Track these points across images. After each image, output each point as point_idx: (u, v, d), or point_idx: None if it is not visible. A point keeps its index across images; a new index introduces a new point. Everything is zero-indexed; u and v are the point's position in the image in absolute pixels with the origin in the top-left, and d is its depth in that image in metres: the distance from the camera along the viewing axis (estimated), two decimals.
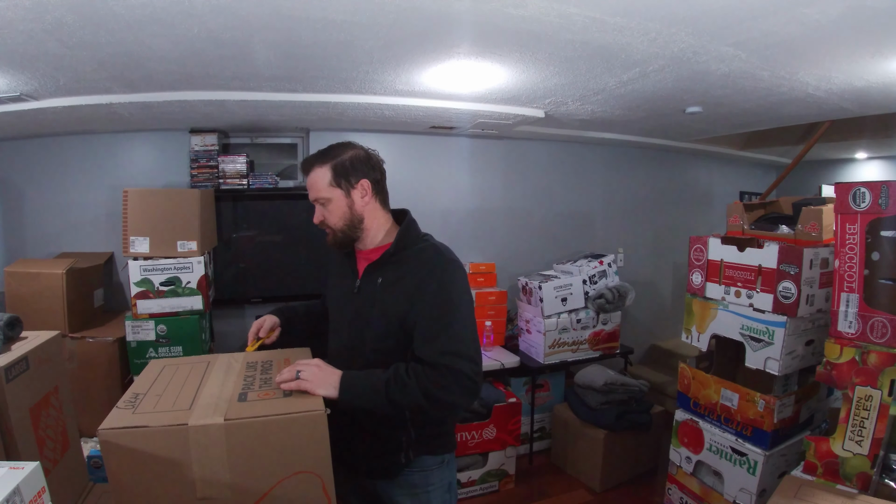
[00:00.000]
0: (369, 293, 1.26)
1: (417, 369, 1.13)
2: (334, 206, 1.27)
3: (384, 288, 1.24)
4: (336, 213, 1.27)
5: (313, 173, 1.27)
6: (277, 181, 2.80)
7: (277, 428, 0.97)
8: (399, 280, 1.22)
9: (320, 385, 1.08)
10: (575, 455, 2.83)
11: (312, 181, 1.28)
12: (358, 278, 1.31)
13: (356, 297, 1.29)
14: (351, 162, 1.26)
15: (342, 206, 1.27)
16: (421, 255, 1.25)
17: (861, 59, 1.66)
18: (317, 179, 1.27)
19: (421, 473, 1.27)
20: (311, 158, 1.30)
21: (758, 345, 1.83)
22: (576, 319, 2.94)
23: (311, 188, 1.28)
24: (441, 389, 1.11)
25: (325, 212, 1.28)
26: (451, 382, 1.12)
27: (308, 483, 0.99)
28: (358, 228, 1.29)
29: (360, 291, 1.29)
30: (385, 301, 1.23)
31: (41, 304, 2.21)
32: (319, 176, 1.26)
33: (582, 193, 3.70)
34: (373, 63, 1.76)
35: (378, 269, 1.27)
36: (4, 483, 0.65)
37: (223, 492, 0.95)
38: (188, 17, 1.31)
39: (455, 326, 1.16)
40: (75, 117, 2.27)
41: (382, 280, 1.25)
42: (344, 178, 1.26)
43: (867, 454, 1.32)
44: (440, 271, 1.20)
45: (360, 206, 1.28)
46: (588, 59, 1.70)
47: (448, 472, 1.33)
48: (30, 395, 1.11)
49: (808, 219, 1.87)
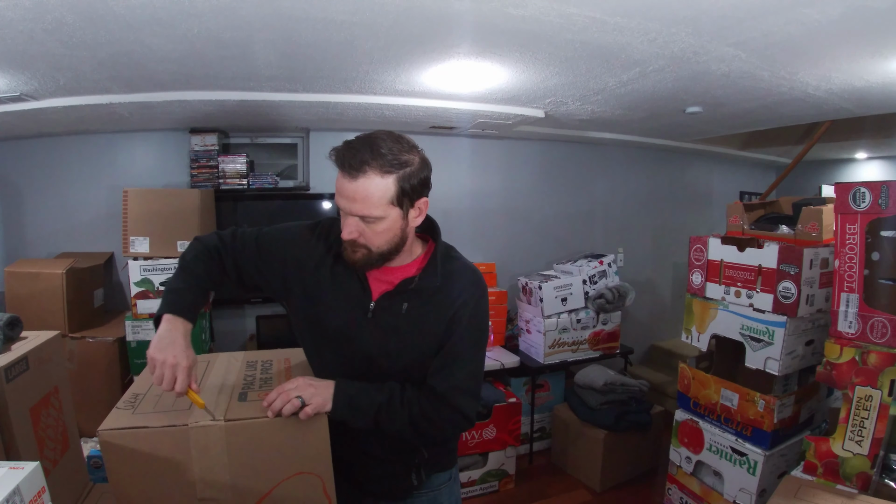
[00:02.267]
0: (389, 321, 1.04)
1: (413, 398, 1.03)
2: (385, 226, 0.97)
3: (412, 317, 1.04)
4: (384, 235, 0.98)
5: (368, 181, 0.93)
6: (277, 181, 2.80)
7: (278, 428, 0.97)
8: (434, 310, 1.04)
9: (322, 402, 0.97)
10: (575, 455, 2.83)
11: (365, 192, 0.93)
12: (372, 300, 1.05)
13: (369, 324, 1.05)
14: (419, 175, 0.98)
15: (395, 227, 0.99)
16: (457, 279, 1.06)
17: (861, 59, 1.66)
18: (373, 192, 0.93)
19: (430, 493, 1.20)
20: (367, 157, 0.93)
21: (758, 345, 1.83)
22: (576, 319, 2.94)
23: (361, 201, 0.94)
24: (430, 423, 1.03)
25: (366, 230, 0.97)
26: (445, 418, 1.04)
27: (308, 484, 0.99)
28: (399, 250, 1.04)
29: (375, 317, 1.05)
30: (413, 332, 1.04)
31: (41, 304, 2.21)
32: (378, 188, 0.94)
33: (582, 193, 3.70)
34: (373, 63, 1.76)
35: (404, 296, 1.04)
36: (4, 483, 0.65)
37: (223, 492, 0.95)
38: (188, 17, 1.31)
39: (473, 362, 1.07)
40: (75, 117, 2.27)
41: (409, 307, 1.04)
42: (408, 197, 0.97)
43: (867, 454, 1.32)
44: (475, 301, 1.05)
45: (412, 227, 1.03)
46: (588, 59, 1.70)
47: (456, 486, 1.27)
48: (30, 395, 1.11)
49: (808, 219, 1.87)
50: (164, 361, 0.94)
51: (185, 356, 0.96)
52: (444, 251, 1.09)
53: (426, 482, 1.18)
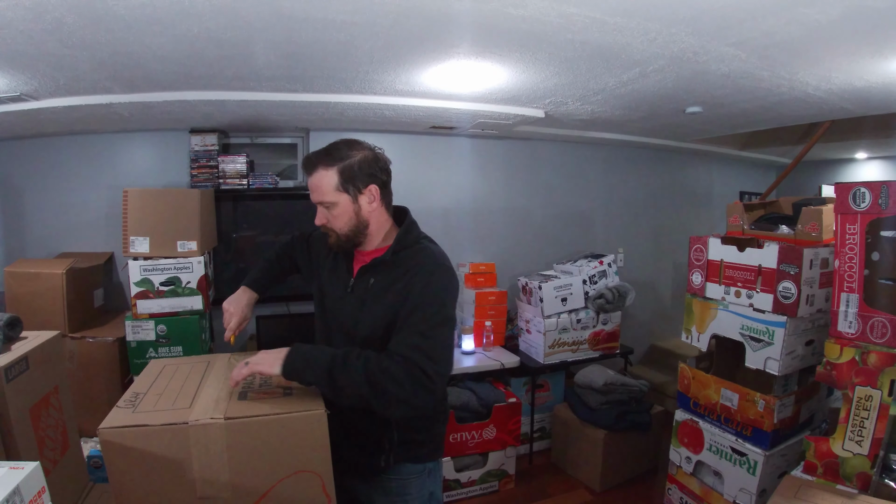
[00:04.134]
0: (360, 294, 1.23)
1: (370, 355, 1.08)
2: (340, 210, 1.20)
3: (375, 291, 1.21)
4: (341, 218, 1.21)
5: (318, 175, 1.20)
6: (277, 181, 2.80)
7: (277, 427, 0.97)
8: (391, 284, 1.19)
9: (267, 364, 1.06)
10: (575, 455, 2.83)
11: (316, 183, 1.20)
12: (352, 278, 1.27)
13: (349, 297, 1.26)
14: (359, 166, 1.19)
15: (348, 211, 1.21)
16: (415, 257, 1.21)
17: (861, 59, 1.66)
18: (322, 182, 1.19)
19: (399, 481, 1.24)
20: (315, 157, 1.21)
21: (758, 345, 1.83)
22: (576, 319, 2.94)
23: (315, 190, 1.21)
24: (389, 379, 1.04)
25: (328, 215, 1.22)
26: (403, 374, 1.05)
27: (308, 482, 0.99)
28: (363, 233, 1.24)
29: (353, 291, 1.25)
30: (375, 304, 1.20)
31: (41, 304, 2.21)
32: (325, 179, 1.19)
33: (582, 193, 3.70)
34: (373, 63, 1.76)
35: (371, 271, 1.23)
36: (4, 483, 0.65)
37: (223, 491, 0.96)
38: (188, 17, 1.31)
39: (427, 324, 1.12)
40: (75, 117, 2.27)
41: (374, 282, 1.22)
42: (352, 184, 1.19)
43: (867, 454, 1.32)
44: (428, 274, 1.17)
45: (366, 211, 1.22)
46: (588, 59, 1.70)
47: (430, 482, 1.29)
48: (30, 395, 1.11)
49: (808, 219, 1.87)
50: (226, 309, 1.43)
51: (240, 310, 1.44)
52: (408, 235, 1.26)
53: (395, 468, 1.23)
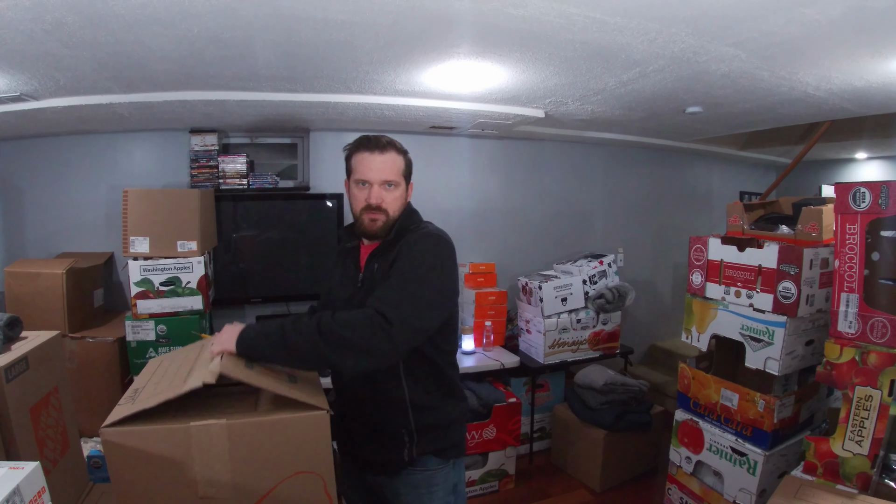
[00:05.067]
0: (371, 285, 1.25)
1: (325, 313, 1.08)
2: (398, 193, 1.29)
3: (379, 275, 1.24)
4: (398, 201, 1.29)
5: (391, 156, 1.27)
6: (277, 181, 2.80)
7: (279, 428, 0.97)
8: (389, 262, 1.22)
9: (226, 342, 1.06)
10: (575, 455, 2.83)
11: (389, 162, 1.27)
12: (361, 272, 1.31)
13: (360, 291, 1.28)
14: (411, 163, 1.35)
15: (402, 196, 1.31)
16: (409, 235, 1.25)
17: (861, 59, 1.66)
18: (394, 162, 1.28)
19: (424, 473, 1.26)
20: (387, 140, 1.29)
21: (758, 345, 1.83)
22: (576, 319, 2.94)
23: (385, 169, 1.26)
24: (343, 326, 1.02)
25: (387, 195, 1.27)
26: (360, 319, 1.03)
27: (309, 483, 0.99)
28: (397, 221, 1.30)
29: (363, 284, 1.28)
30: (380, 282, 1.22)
31: (41, 304, 2.21)
32: (397, 161, 1.29)
33: (582, 193, 3.70)
34: (373, 63, 1.76)
35: (375, 258, 1.28)
36: (4, 483, 0.65)
37: (224, 491, 0.95)
38: (188, 17, 1.31)
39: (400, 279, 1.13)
40: (75, 117, 2.27)
41: (378, 266, 1.26)
42: (408, 175, 1.33)
43: (867, 454, 1.32)
44: (415, 240, 1.22)
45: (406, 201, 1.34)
46: (588, 59, 1.70)
47: (455, 473, 1.31)
48: (30, 395, 1.11)
49: (808, 219, 1.87)
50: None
51: None
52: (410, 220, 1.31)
53: (419, 460, 1.24)
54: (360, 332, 1.02)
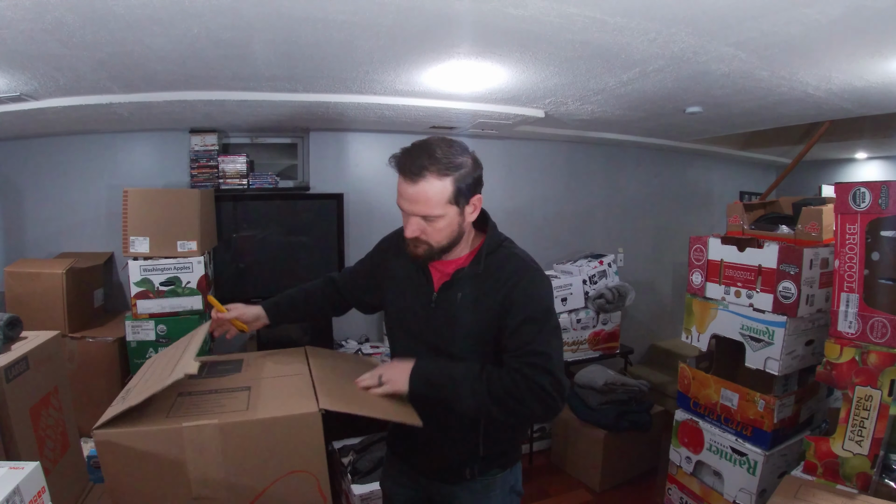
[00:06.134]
0: (447, 309, 1.14)
1: (493, 374, 1.06)
2: (445, 224, 1.08)
3: (465, 304, 1.12)
4: (444, 231, 1.09)
5: (427, 184, 1.04)
6: (277, 181, 2.80)
7: (272, 428, 0.97)
8: (482, 296, 1.11)
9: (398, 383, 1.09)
10: (575, 455, 2.83)
11: (425, 194, 1.04)
12: (434, 291, 1.17)
13: (434, 314, 1.16)
14: (472, 174, 1.10)
15: (453, 224, 1.10)
16: (504, 266, 1.13)
17: (861, 59, 1.66)
18: (432, 193, 1.04)
19: (484, 481, 1.22)
20: (426, 162, 1.03)
21: (758, 345, 1.83)
22: (576, 319, 2.94)
23: (421, 202, 1.05)
24: (514, 399, 1.04)
25: (428, 228, 1.08)
26: (527, 394, 1.03)
27: (303, 482, 0.99)
28: (457, 243, 1.15)
29: (438, 307, 1.16)
30: (468, 319, 1.12)
31: (41, 304, 2.21)
32: (437, 189, 1.04)
33: (582, 193, 3.70)
34: (373, 63, 1.76)
35: (458, 284, 1.14)
36: (4, 483, 0.65)
37: (218, 491, 0.95)
38: (188, 17, 1.31)
39: (542, 336, 1.07)
40: (75, 117, 2.27)
41: (462, 296, 1.13)
42: (464, 196, 1.08)
43: (867, 454, 1.32)
44: (528, 283, 1.11)
45: (468, 222, 1.14)
46: (588, 59, 1.70)
47: (511, 476, 1.27)
48: (30, 395, 1.11)
49: (808, 219, 1.87)
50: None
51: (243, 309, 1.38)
52: (492, 241, 1.18)
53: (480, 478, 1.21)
54: (533, 407, 1.04)
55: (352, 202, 3.00)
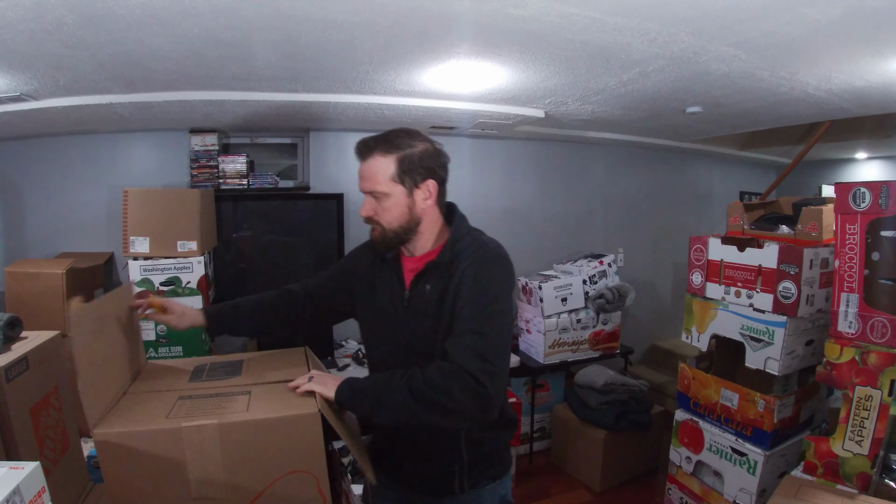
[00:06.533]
0: (419, 307, 1.12)
1: (418, 371, 1.01)
2: (392, 203, 1.11)
3: (433, 298, 1.10)
4: (392, 211, 1.11)
5: (373, 161, 1.10)
6: (277, 181, 2.80)
7: (272, 428, 0.97)
8: (445, 284, 1.10)
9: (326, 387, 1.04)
10: (575, 455, 2.83)
11: (371, 170, 1.10)
12: (406, 289, 1.16)
13: (407, 312, 1.14)
14: (420, 157, 1.11)
15: (401, 205, 1.11)
16: (465, 252, 1.12)
17: (861, 59, 1.66)
18: (377, 170, 1.09)
19: (473, 493, 1.18)
20: (372, 142, 1.11)
21: (758, 345, 1.83)
22: (576, 319, 2.94)
23: (368, 178, 1.11)
24: (440, 392, 0.96)
25: (378, 207, 1.12)
26: (451, 381, 0.96)
27: (303, 482, 0.99)
28: (413, 231, 1.14)
29: (411, 305, 1.14)
30: (437, 314, 1.09)
31: (41, 304, 2.21)
32: (381, 166, 1.09)
33: (582, 193, 3.70)
34: (373, 63, 1.76)
35: (425, 277, 1.13)
36: (4, 483, 0.65)
37: (218, 491, 0.96)
38: (188, 17, 1.31)
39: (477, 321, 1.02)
40: (75, 117, 2.27)
41: (431, 288, 1.11)
42: (409, 175, 1.10)
43: (867, 454, 1.32)
44: (478, 266, 1.08)
45: (420, 208, 1.13)
46: (588, 59, 1.70)
47: (501, 487, 1.23)
48: (30, 395, 1.11)
49: (808, 219, 1.87)
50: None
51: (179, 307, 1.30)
52: (458, 232, 1.16)
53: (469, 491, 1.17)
54: (453, 396, 0.96)
55: (352, 202, 3.00)
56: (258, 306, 1.34)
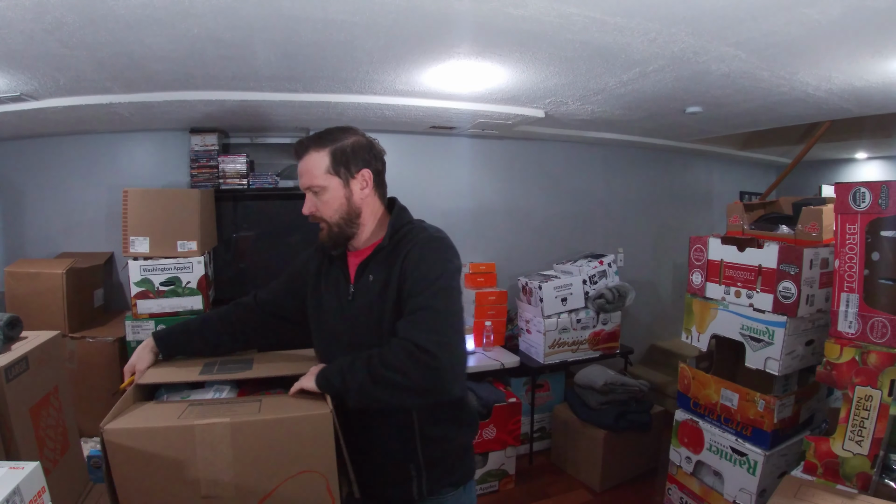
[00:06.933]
0: (364, 299, 1.14)
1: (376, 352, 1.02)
2: (330, 196, 1.14)
3: (377, 289, 1.12)
4: (331, 204, 1.15)
5: (308, 157, 1.14)
6: (277, 181, 2.80)
7: (283, 428, 0.97)
8: (388, 270, 1.12)
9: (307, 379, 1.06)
10: (575, 455, 2.83)
11: (306, 166, 1.14)
12: (351, 283, 1.18)
13: (351, 307, 1.16)
14: (352, 148, 1.15)
15: (339, 196, 1.15)
16: (406, 238, 1.14)
17: (861, 59, 1.66)
18: (312, 165, 1.14)
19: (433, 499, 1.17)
20: (307, 141, 1.16)
21: (758, 345, 1.83)
22: (576, 319, 2.94)
23: (305, 174, 1.15)
24: (387, 367, 0.97)
25: (318, 202, 1.15)
26: (401, 357, 0.97)
27: (312, 483, 0.99)
28: (354, 223, 1.17)
29: (355, 299, 1.16)
30: (383, 305, 1.11)
31: (41, 304, 2.21)
32: (315, 161, 1.13)
33: (582, 193, 3.70)
34: (373, 63, 1.76)
35: (367, 267, 1.15)
36: (4, 483, 0.65)
37: (227, 491, 0.96)
38: (188, 17, 1.31)
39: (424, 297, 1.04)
40: (75, 117, 2.27)
41: (374, 279, 1.13)
42: (343, 166, 1.14)
43: (867, 454, 1.32)
44: (420, 247, 1.10)
45: (358, 198, 1.16)
46: (588, 59, 1.70)
47: (466, 495, 1.22)
48: (30, 395, 1.11)
49: (808, 219, 1.87)
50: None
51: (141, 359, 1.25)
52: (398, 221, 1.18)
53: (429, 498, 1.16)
54: (406, 372, 0.97)
55: None
56: (207, 322, 1.34)
